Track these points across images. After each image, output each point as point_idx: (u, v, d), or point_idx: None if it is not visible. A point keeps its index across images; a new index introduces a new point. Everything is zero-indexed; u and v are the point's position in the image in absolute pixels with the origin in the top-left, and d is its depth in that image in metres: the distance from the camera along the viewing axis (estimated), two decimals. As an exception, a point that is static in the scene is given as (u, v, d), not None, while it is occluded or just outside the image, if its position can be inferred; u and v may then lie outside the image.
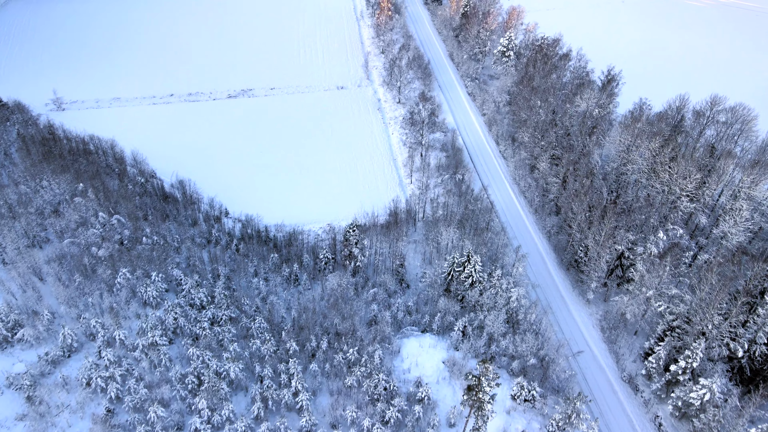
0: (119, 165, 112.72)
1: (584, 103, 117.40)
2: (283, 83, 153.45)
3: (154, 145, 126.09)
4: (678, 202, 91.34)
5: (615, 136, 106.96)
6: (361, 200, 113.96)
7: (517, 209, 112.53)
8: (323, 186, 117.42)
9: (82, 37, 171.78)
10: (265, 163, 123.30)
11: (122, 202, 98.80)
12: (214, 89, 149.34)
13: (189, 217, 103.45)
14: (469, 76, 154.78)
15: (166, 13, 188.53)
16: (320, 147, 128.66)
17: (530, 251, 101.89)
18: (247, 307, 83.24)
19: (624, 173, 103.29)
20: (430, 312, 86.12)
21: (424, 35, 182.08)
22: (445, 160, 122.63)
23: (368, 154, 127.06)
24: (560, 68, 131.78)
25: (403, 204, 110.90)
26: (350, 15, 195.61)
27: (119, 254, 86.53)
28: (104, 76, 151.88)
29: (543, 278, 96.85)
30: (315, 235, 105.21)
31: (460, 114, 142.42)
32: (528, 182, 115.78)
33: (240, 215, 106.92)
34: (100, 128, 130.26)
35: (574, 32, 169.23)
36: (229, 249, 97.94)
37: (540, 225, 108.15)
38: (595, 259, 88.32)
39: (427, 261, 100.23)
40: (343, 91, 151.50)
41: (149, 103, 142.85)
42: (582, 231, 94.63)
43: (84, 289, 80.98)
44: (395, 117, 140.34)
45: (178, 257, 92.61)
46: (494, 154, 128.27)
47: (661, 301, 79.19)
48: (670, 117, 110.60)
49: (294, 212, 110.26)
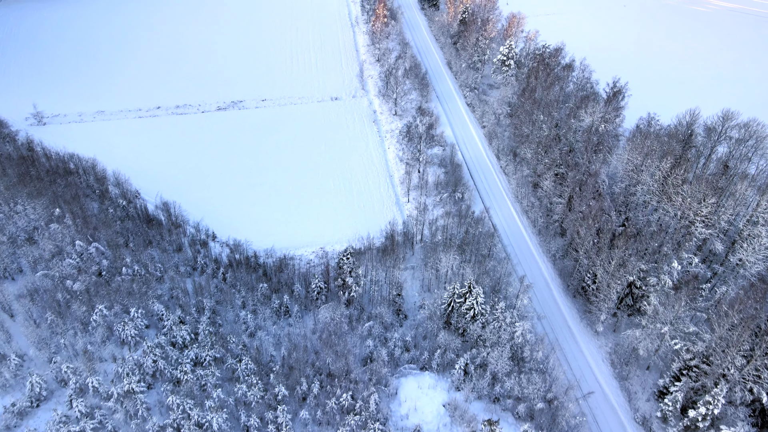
0: (100, 185, 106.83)
1: (589, 118, 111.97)
2: (275, 94, 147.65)
3: (138, 162, 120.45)
4: (691, 228, 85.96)
5: (623, 154, 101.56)
6: (356, 221, 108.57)
7: (519, 230, 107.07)
8: (316, 206, 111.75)
9: (64, 47, 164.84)
10: (254, 181, 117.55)
11: (102, 227, 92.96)
12: (203, 101, 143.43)
13: (173, 243, 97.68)
14: (467, 85, 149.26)
15: (152, 23, 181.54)
16: (313, 163, 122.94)
17: (534, 277, 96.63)
18: (233, 345, 77.52)
19: (633, 193, 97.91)
20: (430, 348, 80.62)
21: (421, 42, 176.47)
22: (444, 177, 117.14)
23: (363, 171, 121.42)
24: (563, 79, 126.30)
25: (400, 226, 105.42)
26: (345, 21, 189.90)
27: (96, 288, 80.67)
28: (88, 87, 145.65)
29: (548, 307, 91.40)
30: (307, 260, 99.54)
31: (458, 127, 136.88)
32: (531, 201, 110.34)
33: (228, 239, 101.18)
34: (82, 143, 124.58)
35: (576, 39, 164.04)
36: (216, 278, 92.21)
37: (544, 247, 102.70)
38: (604, 289, 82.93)
39: (425, 288, 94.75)
40: (337, 102, 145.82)
41: (135, 117, 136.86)
42: (589, 257, 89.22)
43: (56, 328, 75.14)
44: (391, 130, 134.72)
45: (160, 288, 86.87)
46: (495, 170, 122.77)
47: (677, 339, 73.79)
48: (681, 133, 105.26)
49: (285, 234, 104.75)
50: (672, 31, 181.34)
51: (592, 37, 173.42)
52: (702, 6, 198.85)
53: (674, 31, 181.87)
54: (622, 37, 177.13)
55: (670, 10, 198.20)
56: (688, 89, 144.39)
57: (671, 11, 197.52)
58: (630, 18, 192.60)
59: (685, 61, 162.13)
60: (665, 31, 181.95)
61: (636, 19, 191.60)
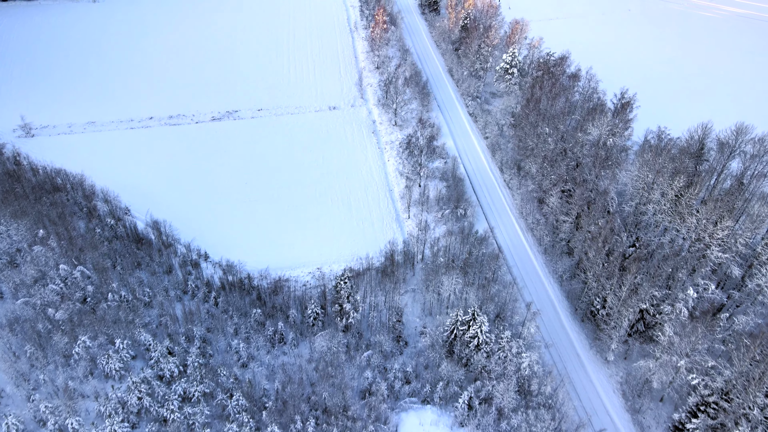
0: (88, 202, 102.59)
1: (596, 131, 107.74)
2: (272, 104, 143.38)
3: (129, 176, 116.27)
4: (707, 251, 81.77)
5: (633, 170, 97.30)
6: (355, 239, 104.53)
7: (524, 249, 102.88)
8: (313, 223, 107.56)
9: (54, 56, 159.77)
10: (249, 196, 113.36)
11: (88, 249, 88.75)
12: (197, 111, 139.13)
13: (163, 264, 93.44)
14: (469, 94, 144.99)
15: (144, 31, 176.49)
16: (310, 178, 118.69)
17: (540, 299, 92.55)
18: (224, 377, 73.32)
19: (644, 212, 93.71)
20: (432, 379, 76.45)
21: (422, 49, 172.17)
22: (446, 191, 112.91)
23: (362, 186, 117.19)
24: (569, 90, 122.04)
25: (400, 245, 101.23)
26: (343, 26, 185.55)
27: (80, 316, 76.47)
28: (78, 98, 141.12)
29: (556, 333, 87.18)
30: (303, 282, 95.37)
31: (460, 138, 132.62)
32: (536, 218, 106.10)
33: (221, 259, 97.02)
34: (71, 156, 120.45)
35: (580, 46, 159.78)
36: (207, 302, 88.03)
37: (551, 268, 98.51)
38: (615, 316, 78.77)
39: (427, 312, 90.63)
40: (335, 111, 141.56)
41: (126, 127, 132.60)
42: (598, 280, 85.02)
43: (36, 361, 70.95)
44: (391, 141, 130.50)
45: (148, 314, 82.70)
46: (498, 184, 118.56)
47: (694, 374, 69.59)
48: (692, 147, 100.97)
49: (280, 254, 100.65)
50: (679, 38, 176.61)
51: (597, 44, 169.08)
52: (710, 11, 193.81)
53: (681, 37, 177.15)
54: (627, 43, 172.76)
55: (676, 16, 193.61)
56: (698, 99, 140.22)
57: (678, 16, 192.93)
58: (635, 23, 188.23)
59: (694, 69, 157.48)
60: (672, 37, 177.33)
61: (641, 24, 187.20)
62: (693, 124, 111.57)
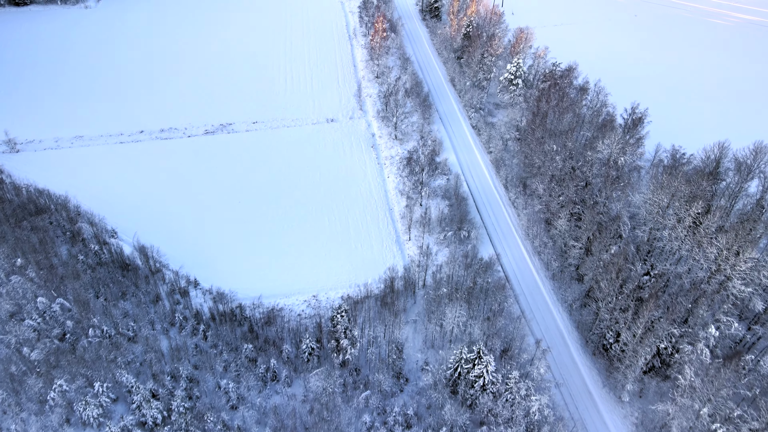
0: (72, 225, 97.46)
1: (607, 149, 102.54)
2: (267, 116, 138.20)
3: (117, 195, 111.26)
4: (728, 283, 76.56)
5: (646, 192, 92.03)
6: (353, 263, 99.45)
7: (531, 274, 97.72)
8: (309, 246, 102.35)
9: (40, 68, 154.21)
10: (242, 216, 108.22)
11: (70, 278, 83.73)
12: (190, 124, 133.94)
13: (150, 293, 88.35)
14: (472, 106, 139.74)
15: (136, 39, 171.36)
16: (307, 196, 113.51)
17: (549, 329, 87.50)
18: (211, 423, 68.21)
19: (658, 238, 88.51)
20: (435, 424, 71.29)
21: (423, 57, 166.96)
22: (448, 211, 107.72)
23: (361, 205, 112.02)
24: (577, 103, 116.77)
25: (401, 271, 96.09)
26: (342, 33, 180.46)
27: (57, 356, 71.40)
28: (65, 111, 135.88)
29: (566, 368, 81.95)
30: (298, 312, 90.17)
31: (463, 152, 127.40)
32: (543, 241, 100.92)
33: (211, 287, 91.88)
34: (57, 173, 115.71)
35: (587, 55, 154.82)
36: (196, 335, 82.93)
37: (559, 295, 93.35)
38: (630, 355, 73.62)
39: (429, 344, 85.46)
40: (333, 124, 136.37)
41: (116, 142, 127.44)
42: (611, 313, 79.88)
43: (9, 408, 65.86)
44: (391, 156, 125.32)
45: (132, 350, 77.57)
46: (503, 202, 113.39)
47: (718, 423, 64.41)
48: (709, 167, 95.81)
49: (274, 280, 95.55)
50: (689, 46, 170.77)
51: (604, 52, 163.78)
52: (721, 19, 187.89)
53: (691, 45, 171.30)
54: (636, 52, 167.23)
55: (685, 22, 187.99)
56: (711, 111, 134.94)
57: (686, 23, 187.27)
58: (643, 30, 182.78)
59: (706, 80, 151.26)
60: (681, 45, 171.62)
61: (649, 31, 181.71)
62: (706, 139, 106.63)
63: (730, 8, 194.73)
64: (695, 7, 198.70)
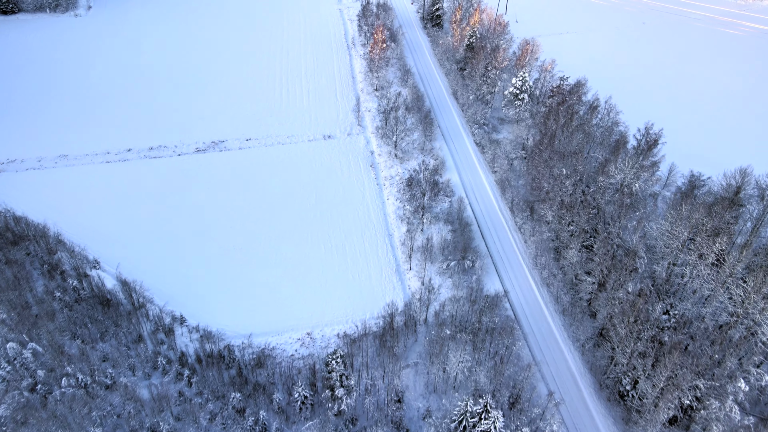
0: (50, 256, 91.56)
1: (620, 174, 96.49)
2: (261, 132, 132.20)
3: (100, 220, 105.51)
4: (756, 329, 70.51)
5: (663, 224, 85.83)
6: (350, 295, 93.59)
7: (540, 307, 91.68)
8: (304, 275, 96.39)
9: (23, 82, 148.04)
10: (233, 243, 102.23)
11: (44, 319, 77.83)
12: (180, 142, 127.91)
13: (132, 332, 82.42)
14: (476, 121, 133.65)
15: (123, 51, 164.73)
16: (302, 219, 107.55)
17: (560, 371, 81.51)
18: (193, 489, 62.40)
19: (679, 275, 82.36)
20: (437, 486, 65.42)
21: (424, 68, 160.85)
22: (451, 237, 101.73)
23: (359, 230, 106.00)
24: (587, 123, 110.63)
25: (401, 305, 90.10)
26: (340, 42, 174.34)
27: (25, 412, 65.44)
28: (49, 129, 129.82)
29: (579, 416, 75.90)
30: (291, 353, 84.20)
31: (466, 172, 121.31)
32: (553, 272, 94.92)
33: (198, 325, 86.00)
34: (39, 196, 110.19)
35: (596, 65, 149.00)
36: (180, 380, 76.99)
37: (570, 332, 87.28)
38: (649, 409, 67.61)
39: (431, 389, 79.48)
40: (330, 141, 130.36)
41: (102, 161, 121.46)
42: (628, 358, 73.85)
43: (-31, 475, 60.01)
44: (391, 176, 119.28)
45: (110, 400, 71.59)
46: (509, 227, 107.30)
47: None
48: (730, 195, 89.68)
49: (266, 314, 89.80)
50: (701, 56, 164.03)
51: (612, 62, 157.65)
52: (734, 28, 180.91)
53: (704, 55, 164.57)
54: (644, 61, 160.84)
55: (696, 31, 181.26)
56: (727, 127, 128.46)
57: (698, 32, 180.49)
58: (651, 39, 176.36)
59: (720, 94, 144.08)
60: (693, 55, 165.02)
61: (659, 41, 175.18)
62: (723, 158, 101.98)
63: (743, 17, 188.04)
64: (706, 15, 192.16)
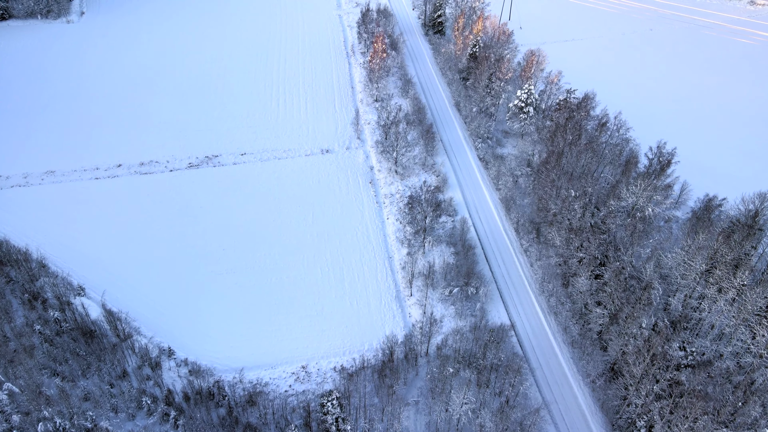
0: (31, 283, 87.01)
1: (632, 197, 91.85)
2: (257, 146, 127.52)
3: (87, 242, 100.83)
4: (781, 373, 65.89)
5: (679, 252, 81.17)
6: (348, 324, 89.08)
7: (548, 338, 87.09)
8: (299, 303, 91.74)
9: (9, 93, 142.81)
10: (226, 267, 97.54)
11: (23, 355, 73.27)
12: (173, 157, 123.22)
13: (117, 367, 77.89)
14: (479, 135, 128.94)
15: (115, 61, 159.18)
16: (298, 242, 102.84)
17: (569, 410, 77.14)
18: None
19: (697, 309, 77.71)
20: None
21: (426, 78, 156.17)
22: (454, 261, 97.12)
23: (358, 252, 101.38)
24: (595, 141, 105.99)
25: (401, 337, 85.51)
26: (340, 50, 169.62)
27: (-3, 463, 60.97)
28: (36, 142, 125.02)
29: (590, 461, 71.49)
30: (285, 388, 79.58)
31: (470, 189, 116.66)
32: (561, 299, 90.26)
33: (186, 358, 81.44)
34: (24, 215, 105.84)
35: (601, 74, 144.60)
36: (166, 422, 72.48)
37: (580, 366, 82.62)
38: (669, 459, 63.01)
39: (432, 429, 74.83)
40: (328, 155, 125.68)
41: (90, 177, 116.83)
42: (644, 398, 69.24)
43: None
44: (391, 194, 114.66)
45: (90, 446, 67.11)
46: (514, 250, 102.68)
47: None
48: (748, 220, 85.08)
49: (260, 346, 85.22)
50: (711, 67, 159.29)
51: (618, 71, 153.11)
52: (746, 37, 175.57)
53: (714, 66, 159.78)
54: (653, 71, 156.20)
55: (706, 40, 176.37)
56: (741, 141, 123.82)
57: (708, 41, 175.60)
58: (659, 47, 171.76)
59: (733, 106, 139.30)
60: (702, 65, 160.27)
61: (666, 49, 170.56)
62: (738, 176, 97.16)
63: (754, 26, 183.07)
64: (716, 24, 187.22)
